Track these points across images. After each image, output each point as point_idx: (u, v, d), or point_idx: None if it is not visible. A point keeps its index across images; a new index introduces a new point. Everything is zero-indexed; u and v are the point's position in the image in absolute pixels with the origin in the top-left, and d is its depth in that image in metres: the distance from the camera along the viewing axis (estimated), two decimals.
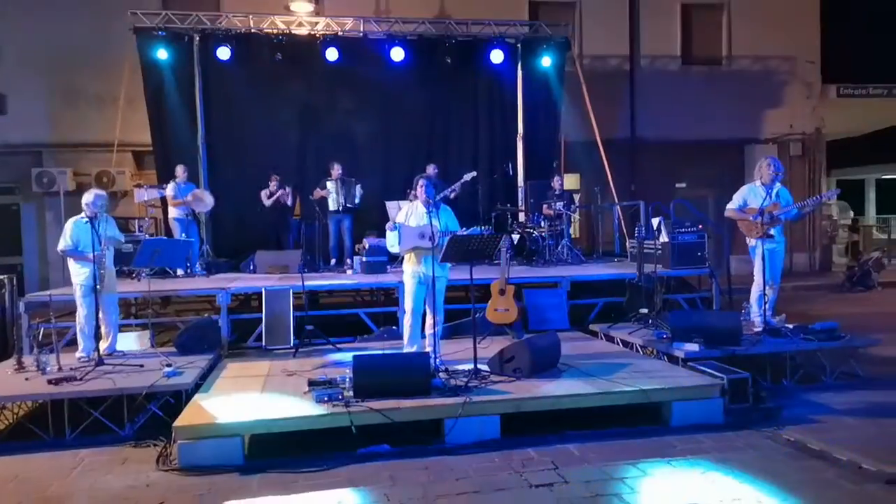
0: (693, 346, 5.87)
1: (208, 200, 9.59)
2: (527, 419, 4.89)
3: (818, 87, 15.08)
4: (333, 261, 9.87)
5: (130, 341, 6.90)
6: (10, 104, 12.38)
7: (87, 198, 6.06)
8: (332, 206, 9.74)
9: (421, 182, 5.93)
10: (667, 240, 8.11)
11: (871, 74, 15.28)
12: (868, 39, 16.47)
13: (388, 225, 6.04)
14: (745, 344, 6.05)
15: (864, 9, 16.57)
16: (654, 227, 8.22)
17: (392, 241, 5.95)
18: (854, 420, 5.12)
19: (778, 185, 6.71)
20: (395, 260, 8.39)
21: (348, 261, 9.68)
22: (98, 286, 5.97)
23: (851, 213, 17.67)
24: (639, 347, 6.65)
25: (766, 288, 6.64)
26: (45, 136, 12.43)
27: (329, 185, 9.70)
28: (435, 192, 6.09)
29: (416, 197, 6.01)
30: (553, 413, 4.97)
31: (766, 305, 6.64)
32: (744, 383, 5.22)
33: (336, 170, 9.72)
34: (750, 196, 6.84)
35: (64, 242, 6.04)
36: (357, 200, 9.82)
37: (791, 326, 6.63)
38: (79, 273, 6.08)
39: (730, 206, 6.98)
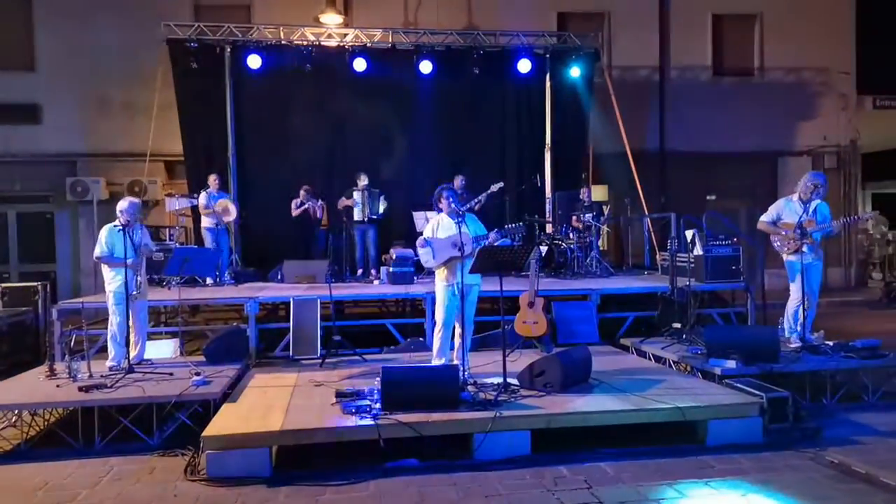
0: (730, 363, 5.71)
1: (232, 210, 9.65)
2: (558, 435, 4.78)
3: (853, 98, 14.76)
4: (360, 271, 9.86)
5: (160, 349, 6.93)
6: (46, 114, 12.64)
7: (122, 205, 6.10)
8: (357, 216, 9.75)
9: (444, 193, 5.84)
10: (701, 252, 7.94)
11: None
12: None
13: (418, 242, 5.94)
14: (783, 361, 5.88)
15: None
16: (688, 240, 8.06)
17: (426, 258, 5.86)
18: None
19: (817, 201, 6.50)
20: (422, 271, 8.35)
21: (373, 271, 9.66)
22: (134, 293, 6.01)
23: (884, 228, 17.20)
24: (672, 363, 6.49)
25: (804, 304, 6.44)
26: (79, 146, 12.66)
27: (355, 195, 9.71)
28: (458, 200, 5.98)
29: (440, 210, 5.94)
30: (585, 429, 4.85)
31: (804, 322, 6.44)
32: (783, 402, 5.04)
33: (362, 180, 9.73)
34: (785, 211, 6.64)
35: (100, 249, 6.07)
36: (381, 212, 9.81)
37: (831, 343, 6.43)
38: (112, 280, 6.10)
39: (763, 218, 6.79)
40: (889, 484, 4.04)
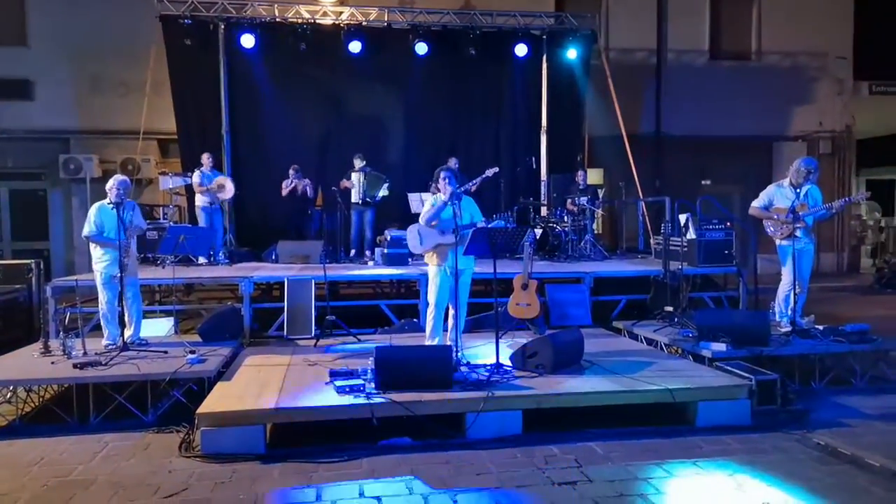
0: (720, 346, 5.76)
1: (229, 188, 9.62)
2: (549, 415, 4.84)
3: (850, 84, 14.75)
4: (354, 252, 9.87)
5: (154, 328, 6.96)
6: (38, 91, 12.51)
7: (110, 183, 6.05)
8: (354, 197, 9.73)
9: (442, 174, 5.79)
10: (694, 236, 7.98)
11: None
12: None
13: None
14: (773, 345, 5.93)
15: None
16: (682, 224, 8.09)
17: (414, 242, 5.87)
18: (885, 425, 4.99)
19: (808, 185, 6.54)
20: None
21: (367, 252, 9.67)
22: (118, 273, 5.96)
23: (877, 214, 17.29)
24: (664, 346, 6.55)
25: (795, 288, 6.50)
26: (72, 123, 12.56)
27: (353, 176, 9.69)
28: (456, 182, 5.99)
29: (437, 190, 5.93)
30: (576, 410, 4.90)
31: (795, 306, 6.50)
32: (772, 385, 5.11)
33: (359, 162, 9.70)
34: (776, 196, 6.67)
35: (88, 228, 6.04)
36: (378, 198, 9.77)
37: (821, 328, 6.49)
38: (100, 259, 6.07)
39: (755, 203, 6.82)
40: (873, 465, 4.11)
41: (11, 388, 5.34)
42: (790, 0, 14.28)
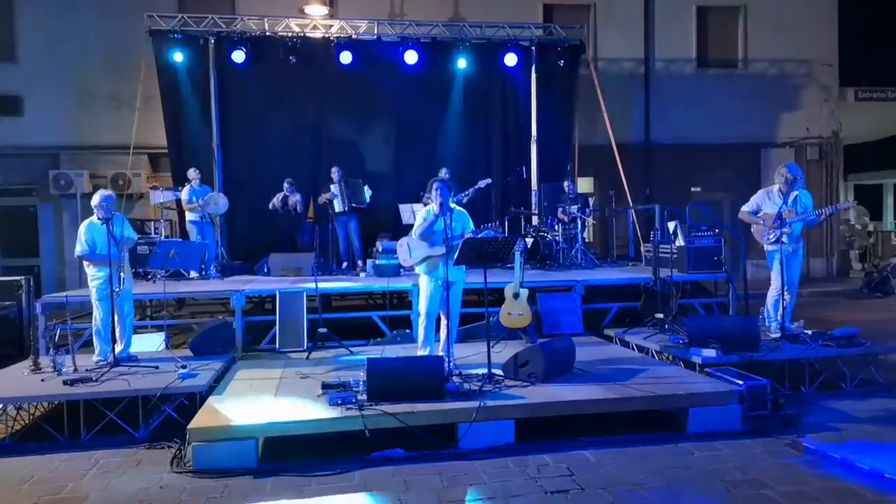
0: (710, 352, 5.80)
1: (222, 203, 9.62)
2: (541, 424, 4.86)
3: (836, 90, 14.90)
4: (346, 264, 9.87)
5: (145, 343, 6.92)
6: (28, 106, 12.48)
7: (95, 200, 6.01)
8: (338, 208, 9.75)
9: (435, 185, 5.82)
10: (683, 244, 8.03)
11: (890, 78, 15.06)
12: (887, 43, 16.25)
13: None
14: (763, 350, 5.98)
15: (883, 11, 16.36)
16: (671, 231, 8.14)
17: (404, 256, 5.90)
18: (875, 428, 5.04)
19: (796, 191, 6.60)
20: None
21: (359, 263, 9.68)
22: (117, 288, 5.95)
23: (865, 219, 17.45)
24: (654, 353, 6.58)
25: (784, 293, 6.55)
26: (61, 138, 12.52)
27: (332, 188, 9.71)
28: (448, 195, 6.03)
29: (430, 200, 5.95)
30: (568, 418, 4.92)
31: (784, 311, 6.55)
32: (762, 390, 5.15)
33: (336, 173, 9.71)
34: (765, 202, 6.74)
35: (80, 247, 6.00)
36: (367, 201, 9.81)
37: (810, 332, 6.54)
38: (95, 276, 6.05)
39: (744, 208, 6.91)
40: (862, 469, 4.14)
41: (1, 405, 5.32)
42: (775, 9, 14.43)
